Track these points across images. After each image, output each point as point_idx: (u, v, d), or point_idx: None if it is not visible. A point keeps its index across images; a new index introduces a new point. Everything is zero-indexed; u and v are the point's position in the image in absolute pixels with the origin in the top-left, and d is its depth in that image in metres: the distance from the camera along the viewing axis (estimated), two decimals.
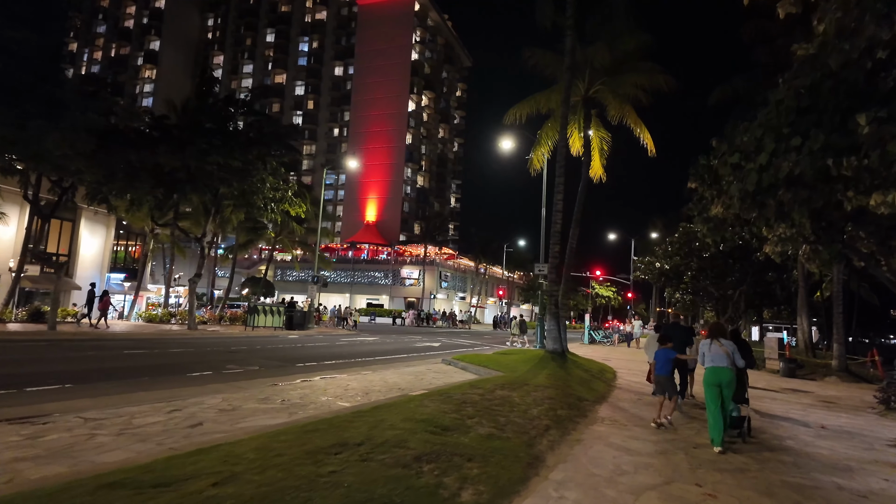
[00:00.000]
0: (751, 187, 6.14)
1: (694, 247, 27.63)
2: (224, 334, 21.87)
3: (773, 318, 52.61)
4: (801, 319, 22.67)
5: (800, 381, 17.17)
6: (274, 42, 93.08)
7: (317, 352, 16.42)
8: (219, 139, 20.32)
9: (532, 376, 10.60)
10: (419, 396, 7.37)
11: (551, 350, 13.45)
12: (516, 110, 18.28)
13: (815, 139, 5.42)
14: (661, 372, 7.65)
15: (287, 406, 7.26)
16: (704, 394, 6.63)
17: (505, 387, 8.87)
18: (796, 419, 9.30)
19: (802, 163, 5.54)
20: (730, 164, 6.49)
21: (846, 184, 5.68)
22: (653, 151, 17.96)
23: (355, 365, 13.47)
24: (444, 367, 13.71)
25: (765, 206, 6.41)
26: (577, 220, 17.28)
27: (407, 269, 65.18)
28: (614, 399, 9.97)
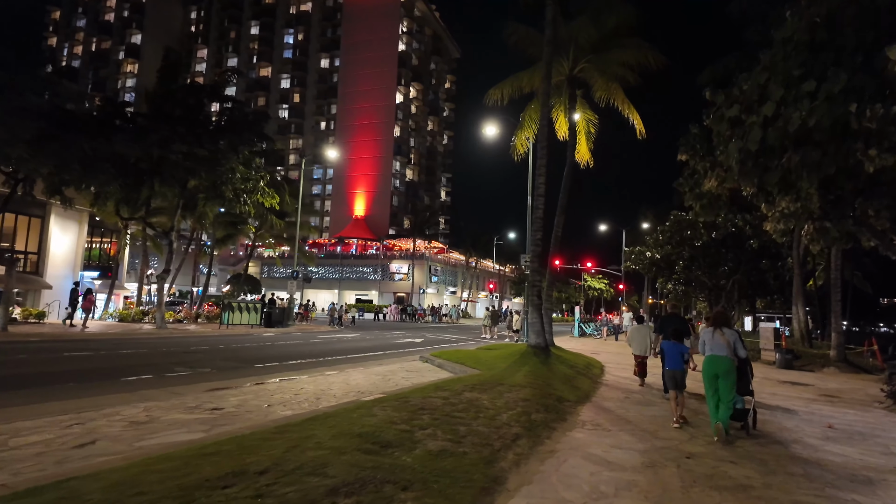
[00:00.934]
0: (753, 146, 5.17)
1: (685, 235, 26.80)
2: (195, 333, 20.76)
3: (766, 307, 52.07)
4: (797, 308, 21.89)
5: (797, 372, 16.33)
6: (258, 34, 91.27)
7: (286, 351, 15.38)
8: (183, 127, 19.13)
9: (510, 374, 9.63)
10: (370, 403, 6.37)
11: (534, 344, 12.50)
12: (498, 90, 17.24)
13: (836, 79, 4.44)
14: (674, 367, 7.19)
15: (215, 417, 6.24)
16: (704, 384, 6.58)
17: (476, 388, 7.89)
18: (800, 417, 8.39)
19: (818, 111, 4.56)
20: (727, 119, 5.51)
21: (867, 140, 4.73)
22: (642, 132, 16.98)
23: (323, 365, 12.46)
24: (419, 366, 12.73)
25: (768, 172, 5.45)
26: (563, 206, 16.30)
27: (396, 264, 64.11)
28: (599, 398, 9.01)
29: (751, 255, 25.87)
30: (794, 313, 22.95)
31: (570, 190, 16.26)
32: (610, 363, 15.11)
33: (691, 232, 26.49)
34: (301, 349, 15.96)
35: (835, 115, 4.58)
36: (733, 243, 26.05)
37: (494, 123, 20.98)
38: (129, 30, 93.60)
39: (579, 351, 18.01)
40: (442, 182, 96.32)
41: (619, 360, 16.41)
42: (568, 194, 16.28)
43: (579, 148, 18.58)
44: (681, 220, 27.06)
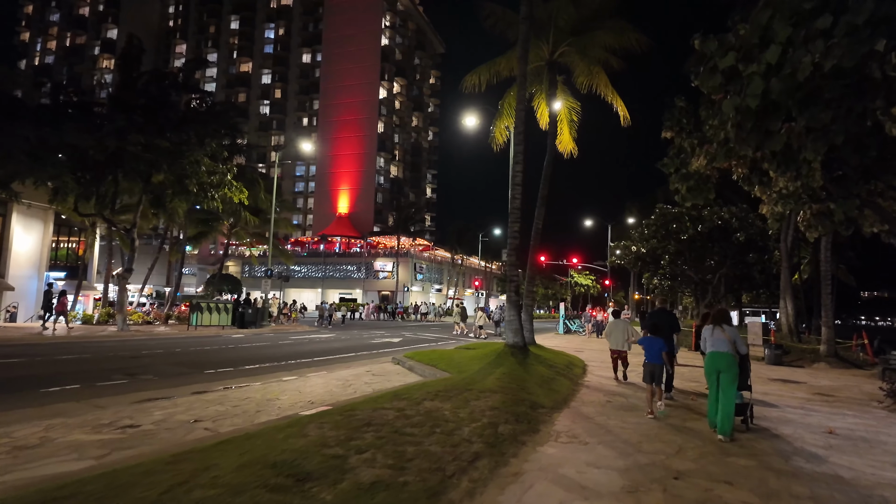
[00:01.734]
0: (753, 101, 4.34)
1: (671, 229, 26.18)
2: (159, 335, 19.65)
3: (751, 302, 51.92)
4: (785, 302, 21.34)
5: (787, 368, 15.72)
6: (238, 29, 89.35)
7: (249, 354, 14.38)
8: (141, 116, 17.98)
9: (481, 378, 8.77)
10: (308, 418, 5.46)
11: (512, 344, 11.67)
12: (474, 76, 16.37)
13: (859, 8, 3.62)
14: (652, 360, 7.39)
15: (124, 437, 5.30)
16: (706, 379, 6.71)
17: (439, 395, 7.02)
18: (797, 420, 7.65)
19: (836, 52, 3.75)
20: (721, 70, 4.70)
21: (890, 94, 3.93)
22: (627, 119, 16.24)
23: (284, 369, 11.50)
24: (389, 368, 11.83)
25: (770, 137, 4.65)
26: (544, 198, 15.49)
27: (380, 262, 63.04)
28: (579, 403, 8.19)
29: (737, 248, 25.34)
30: (782, 307, 22.42)
31: (552, 180, 15.45)
32: (593, 362, 14.34)
33: (677, 225, 25.88)
34: (267, 352, 14.96)
35: (858, 54, 3.77)
36: (720, 236, 25.49)
37: (475, 114, 20.14)
38: (104, 24, 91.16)
39: (562, 349, 17.23)
40: (427, 179, 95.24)
41: (602, 357, 15.65)
42: (549, 185, 15.47)
43: (561, 137, 17.79)
44: (666, 213, 26.44)
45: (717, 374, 6.46)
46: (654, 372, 7.35)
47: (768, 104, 4.28)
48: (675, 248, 26.64)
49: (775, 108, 4.34)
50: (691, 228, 25.50)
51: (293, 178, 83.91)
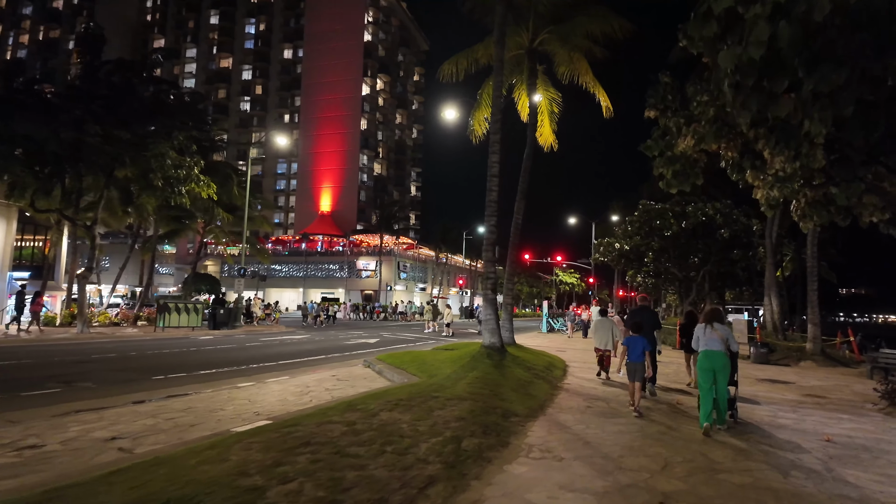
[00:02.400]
0: (756, 51, 3.66)
1: (655, 225, 25.75)
2: (121, 337, 18.65)
3: (734, 299, 51.98)
4: (770, 299, 20.98)
5: (774, 367, 15.28)
6: (218, 24, 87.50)
7: (210, 357, 13.52)
8: (101, 107, 16.97)
9: (452, 382, 8.07)
10: (235, 437, 4.70)
11: (488, 345, 10.98)
12: (451, 64, 15.66)
13: None
14: (636, 359, 7.46)
15: (17, 462, 4.49)
16: (698, 377, 6.76)
17: (401, 404, 6.29)
18: (791, 426, 7.07)
19: None
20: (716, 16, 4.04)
21: None
22: (609, 110, 15.65)
23: (243, 374, 10.68)
24: (358, 372, 11.07)
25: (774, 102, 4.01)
26: (524, 191, 14.83)
27: (363, 261, 62.06)
28: (556, 409, 7.52)
29: (721, 245, 24.99)
30: (766, 304, 22.07)
31: (532, 174, 14.80)
32: (575, 362, 13.72)
33: (661, 222, 25.46)
34: (230, 355, 14.10)
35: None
36: (703, 233, 25.13)
37: (454, 106, 19.44)
38: (79, 17, 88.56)
39: (543, 349, 16.62)
40: (412, 177, 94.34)
41: (585, 357, 15.05)
42: (529, 178, 14.82)
43: (542, 130, 17.17)
44: (650, 209, 26.01)
45: (711, 371, 6.53)
46: (637, 371, 7.45)
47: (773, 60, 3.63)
48: (658, 245, 26.23)
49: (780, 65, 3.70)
50: (675, 225, 25.11)
51: (275, 175, 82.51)
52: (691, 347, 9.63)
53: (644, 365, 7.45)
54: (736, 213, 24.72)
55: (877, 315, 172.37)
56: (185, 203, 21.00)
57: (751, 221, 24.69)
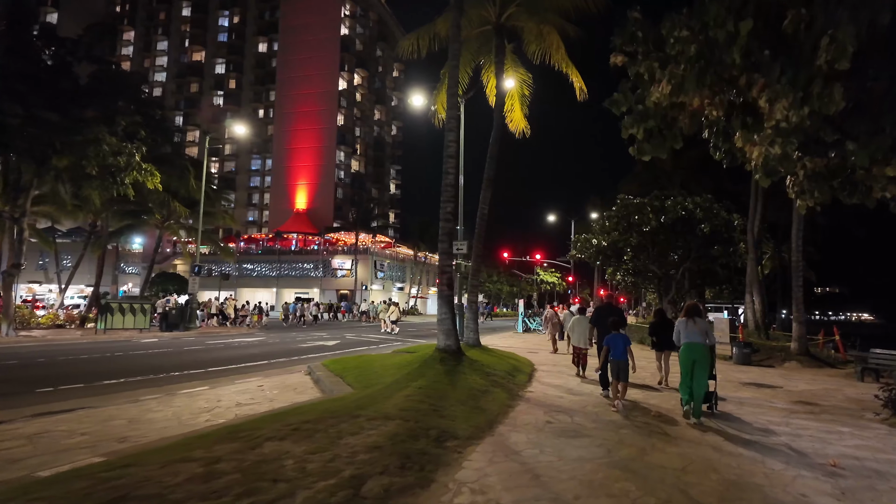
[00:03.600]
0: None
1: (633, 220, 24.69)
2: (48, 341, 16.96)
3: (714, 297, 51.55)
4: (752, 296, 20.09)
5: (758, 369, 14.27)
6: (191, 16, 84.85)
7: (130, 364, 12.00)
8: (24, 85, 15.27)
9: (387, 395, 6.75)
10: (21, 489, 3.29)
11: (443, 348, 9.66)
12: (411, 40, 14.32)
13: None
14: (619, 357, 7.51)
15: None
16: (680, 369, 7.02)
17: (302, 428, 4.94)
18: (787, 445, 5.89)
19: None
20: None
21: None
22: (584, 92, 14.46)
23: (156, 384, 9.22)
24: (292, 381, 9.67)
25: None
26: (490, 178, 13.56)
27: (339, 260, 60.32)
28: (509, 426, 6.24)
29: (701, 241, 24.02)
30: (747, 302, 21.18)
31: (508, 166, 13.54)
32: (544, 365, 12.50)
33: (639, 217, 24.41)
34: (157, 361, 12.58)
35: None
36: (683, 228, 24.14)
37: (421, 93, 18.13)
38: (43, 7, 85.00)
39: (513, 350, 15.41)
40: (391, 174, 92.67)
41: (556, 359, 13.86)
42: (496, 164, 13.56)
43: (512, 115, 15.93)
44: (628, 204, 24.95)
45: (691, 363, 6.84)
46: (619, 368, 7.46)
47: None
48: (637, 241, 25.18)
49: None
50: (654, 220, 24.08)
51: (248, 172, 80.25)
52: (662, 345, 9.73)
53: (627, 362, 7.46)
54: (716, 208, 23.79)
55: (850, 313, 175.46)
56: (130, 194, 19.30)
57: (731, 216, 23.78)
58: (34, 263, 53.89)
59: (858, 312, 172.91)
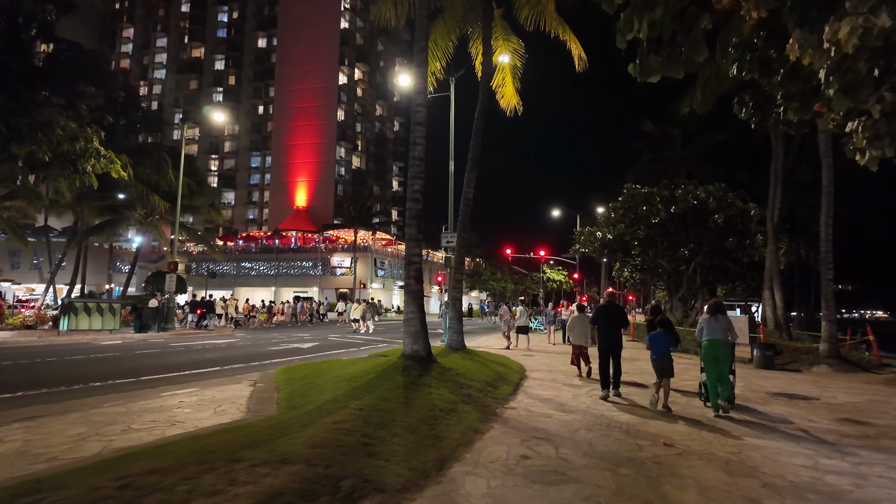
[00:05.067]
0: None
1: (641, 212, 22.89)
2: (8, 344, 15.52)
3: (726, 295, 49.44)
4: (772, 291, 18.27)
5: (783, 374, 12.50)
6: (189, 12, 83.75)
7: (58, 371, 10.48)
8: None
9: (310, 420, 5.12)
10: None
11: (408, 353, 7.99)
12: (389, 5, 12.63)
13: None
14: (660, 356, 7.41)
15: None
16: (703, 365, 7.32)
17: (135, 484, 3.30)
18: (853, 498, 4.19)
19: None
20: None
21: None
22: (583, 60, 12.78)
23: (60, 398, 7.67)
24: (228, 394, 8.04)
25: None
26: (475, 159, 11.88)
27: (338, 258, 58.84)
28: (468, 466, 4.57)
29: (714, 233, 22.18)
30: (766, 298, 19.31)
31: (484, 135, 11.85)
32: (538, 371, 10.83)
33: (647, 207, 22.60)
34: (96, 367, 11.07)
35: None
36: (694, 220, 22.31)
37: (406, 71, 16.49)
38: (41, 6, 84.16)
39: (506, 353, 13.74)
40: (394, 171, 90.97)
41: (554, 364, 12.18)
42: (482, 141, 11.88)
43: (503, 90, 14.26)
44: (635, 193, 23.13)
45: (713, 359, 7.07)
46: (662, 366, 7.39)
47: None
48: (645, 234, 23.36)
49: None
50: (663, 211, 22.27)
51: (248, 169, 79.01)
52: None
53: (670, 361, 7.41)
54: (731, 197, 21.94)
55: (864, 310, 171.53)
56: (93, 184, 17.82)
57: (747, 205, 21.91)
58: (29, 263, 52.91)
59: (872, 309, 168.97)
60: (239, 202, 79.25)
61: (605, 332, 8.30)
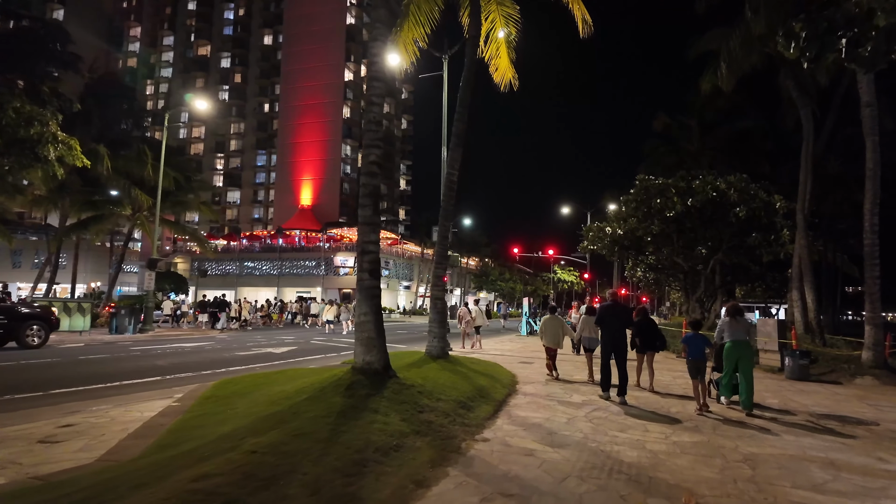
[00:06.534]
0: None
1: (654, 205, 21.02)
2: None
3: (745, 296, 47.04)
4: (802, 291, 16.35)
5: (821, 387, 10.66)
6: (196, 10, 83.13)
7: None
8: None
9: (172, 469, 3.49)
10: None
11: (360, 366, 6.29)
12: None
13: None
14: (696, 356, 7.44)
15: None
16: (724, 364, 7.48)
17: None
18: None
19: None
20: None
21: None
22: (588, 25, 11.06)
23: None
24: (131, 416, 6.47)
25: None
26: (460, 135, 10.23)
27: (341, 257, 57.44)
28: None
29: (736, 228, 20.24)
30: (794, 299, 17.33)
31: (470, 106, 10.18)
32: (531, 384, 9.13)
33: (662, 200, 20.72)
34: (32, 375, 9.60)
35: None
36: (714, 213, 20.38)
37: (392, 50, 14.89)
38: (49, 4, 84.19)
39: (504, 358, 12.11)
40: (401, 170, 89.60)
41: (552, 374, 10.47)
42: (467, 113, 10.20)
43: (498, 62, 12.57)
44: (649, 185, 21.23)
45: (736, 359, 7.30)
46: (698, 367, 7.36)
47: None
48: (659, 230, 21.45)
49: None
50: (679, 204, 20.39)
51: (254, 168, 78.05)
52: (645, 346, 9.08)
53: (704, 362, 7.44)
54: (754, 188, 19.98)
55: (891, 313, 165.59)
56: (58, 172, 16.46)
57: (773, 197, 19.93)
58: (30, 262, 52.29)
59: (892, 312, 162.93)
60: (245, 201, 78.35)
61: (610, 333, 7.83)
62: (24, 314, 14.33)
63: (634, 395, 8.39)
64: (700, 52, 19.13)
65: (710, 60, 18.30)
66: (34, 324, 14.15)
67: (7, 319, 13.66)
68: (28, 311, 14.72)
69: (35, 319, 14.33)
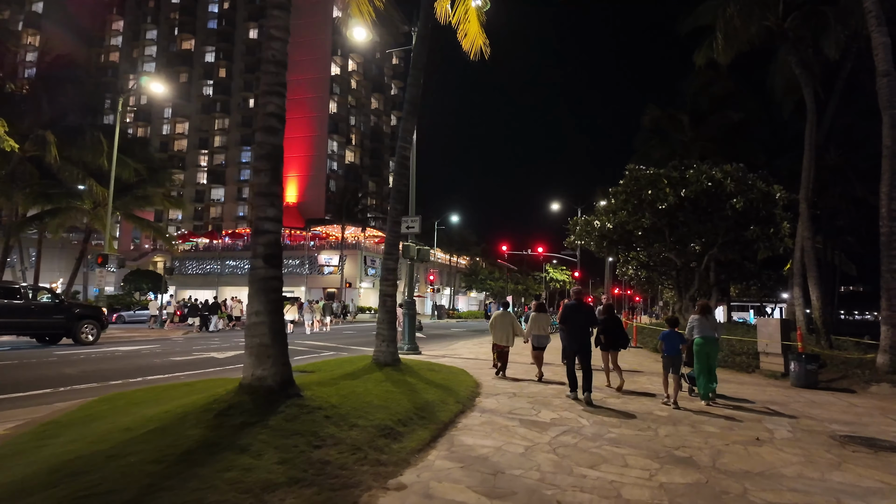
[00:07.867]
0: None
1: (645, 196, 19.54)
2: None
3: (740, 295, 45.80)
4: (804, 288, 14.94)
5: (832, 396, 9.21)
6: (179, 3, 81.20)
7: None
8: None
9: None
10: None
11: (248, 382, 4.65)
12: None
13: None
14: (671, 353, 7.72)
15: None
16: (694, 359, 7.88)
17: None
18: None
19: None
20: None
21: None
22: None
23: None
24: None
25: None
26: (413, 101, 8.70)
27: (326, 255, 55.82)
28: None
29: (732, 221, 18.82)
30: (796, 296, 15.95)
31: (426, 67, 8.65)
32: (495, 396, 7.59)
33: (653, 192, 19.25)
34: None
35: None
36: (709, 205, 18.95)
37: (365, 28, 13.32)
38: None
39: (476, 362, 10.57)
40: (390, 167, 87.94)
41: (528, 386, 8.94)
42: (422, 77, 8.66)
43: (467, 27, 11.02)
44: (639, 176, 19.73)
45: (707, 354, 7.72)
46: (673, 363, 7.66)
47: None
48: (650, 223, 19.99)
49: None
50: (672, 195, 18.94)
51: (238, 164, 76.12)
52: (609, 345, 9.03)
53: (680, 358, 7.75)
54: (751, 178, 18.57)
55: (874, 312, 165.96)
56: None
57: (772, 188, 18.50)
58: None
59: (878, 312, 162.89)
60: (229, 198, 76.44)
61: (575, 333, 7.81)
62: (79, 314, 15.98)
63: (607, 399, 6.90)
64: (695, 25, 17.74)
65: (705, 35, 16.94)
66: (87, 322, 15.97)
67: (65, 318, 15.44)
68: (81, 310, 16.35)
69: (88, 319, 16.14)
